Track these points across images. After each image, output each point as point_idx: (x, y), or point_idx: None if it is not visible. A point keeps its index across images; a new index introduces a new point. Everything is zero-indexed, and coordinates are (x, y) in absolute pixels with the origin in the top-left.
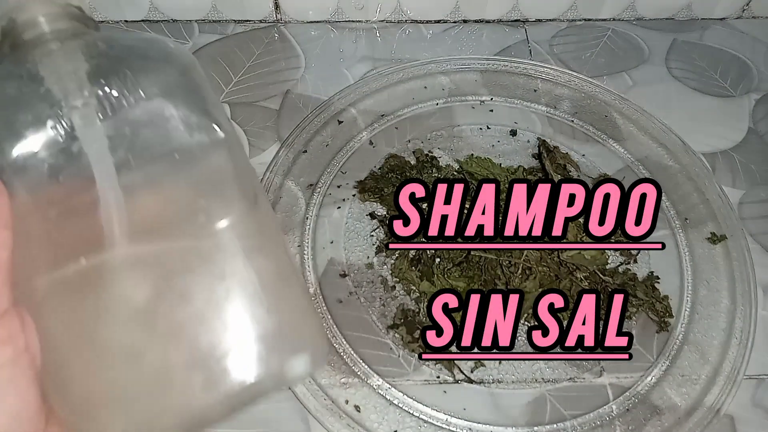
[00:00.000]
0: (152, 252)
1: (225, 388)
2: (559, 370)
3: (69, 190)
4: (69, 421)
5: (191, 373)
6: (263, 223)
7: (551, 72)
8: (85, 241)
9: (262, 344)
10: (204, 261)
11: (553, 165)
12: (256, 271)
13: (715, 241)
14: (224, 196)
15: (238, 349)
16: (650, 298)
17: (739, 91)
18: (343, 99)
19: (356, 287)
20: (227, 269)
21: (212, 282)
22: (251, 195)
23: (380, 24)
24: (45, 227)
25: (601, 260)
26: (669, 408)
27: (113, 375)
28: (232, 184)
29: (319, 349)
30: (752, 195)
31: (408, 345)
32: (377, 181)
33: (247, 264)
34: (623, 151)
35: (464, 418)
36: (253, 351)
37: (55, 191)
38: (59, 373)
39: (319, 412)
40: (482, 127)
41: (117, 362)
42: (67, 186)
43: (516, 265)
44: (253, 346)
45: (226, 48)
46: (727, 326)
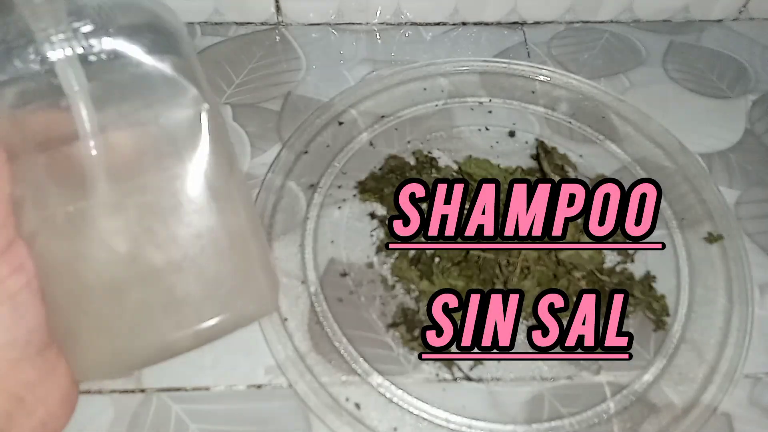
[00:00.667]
0: (133, 203)
1: (195, 328)
2: (557, 368)
3: (49, 122)
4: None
5: (166, 314)
6: (237, 189)
7: (549, 74)
8: (69, 184)
9: (226, 294)
10: (181, 219)
11: (551, 165)
12: (227, 232)
13: (711, 241)
14: (200, 153)
15: (207, 297)
16: (647, 297)
17: (735, 93)
18: (344, 100)
19: (356, 286)
20: (203, 228)
21: (189, 239)
22: (227, 161)
23: (380, 26)
24: (32, 164)
25: (598, 260)
26: (666, 406)
27: (95, 308)
28: (206, 145)
29: (271, 299)
30: (749, 195)
31: (408, 343)
32: (377, 181)
33: (221, 225)
34: (620, 151)
35: (463, 415)
36: (219, 299)
37: (35, 122)
38: (47, 302)
39: (319, 410)
40: (481, 128)
41: (98, 298)
42: (47, 117)
43: (514, 264)
44: (219, 295)
45: (228, 50)
46: (724, 325)
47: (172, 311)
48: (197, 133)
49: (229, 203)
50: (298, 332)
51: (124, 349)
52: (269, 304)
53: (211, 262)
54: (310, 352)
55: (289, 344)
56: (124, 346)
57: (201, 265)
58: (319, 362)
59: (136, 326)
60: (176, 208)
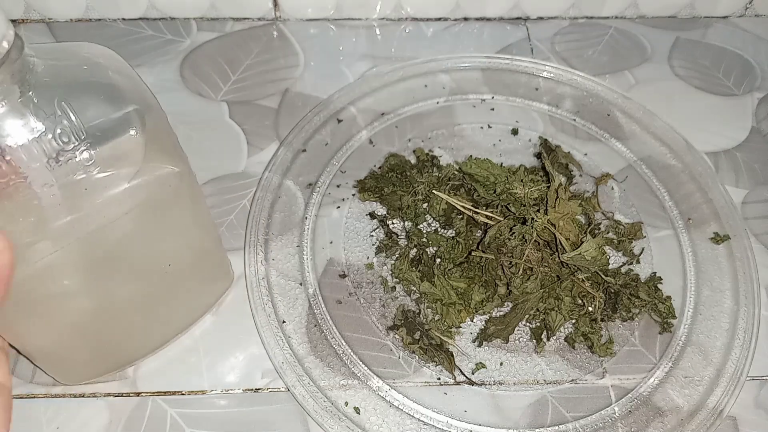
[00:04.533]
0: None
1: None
2: (561, 371)
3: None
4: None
5: (148, 330)
6: (198, 191)
7: (553, 70)
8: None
9: (199, 298)
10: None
11: (554, 164)
12: (192, 251)
13: (718, 241)
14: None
15: (183, 308)
16: (653, 298)
17: (742, 90)
18: (343, 97)
19: (356, 288)
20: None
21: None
22: (184, 159)
23: (380, 22)
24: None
25: (602, 261)
26: (672, 410)
27: (62, 340)
28: (160, 148)
29: (228, 280)
30: (755, 195)
31: (408, 346)
32: (377, 180)
33: (186, 245)
34: (626, 150)
35: (465, 420)
36: (193, 305)
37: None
38: (11, 331)
39: (318, 414)
40: (483, 125)
41: (65, 334)
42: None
43: (517, 265)
44: (192, 302)
45: (225, 46)
46: (730, 327)
47: (154, 325)
48: (134, 145)
49: (194, 228)
50: (296, 335)
51: (108, 356)
52: (226, 285)
53: (182, 278)
54: (308, 355)
55: (287, 347)
56: (108, 355)
57: (174, 283)
58: (317, 366)
59: (118, 342)
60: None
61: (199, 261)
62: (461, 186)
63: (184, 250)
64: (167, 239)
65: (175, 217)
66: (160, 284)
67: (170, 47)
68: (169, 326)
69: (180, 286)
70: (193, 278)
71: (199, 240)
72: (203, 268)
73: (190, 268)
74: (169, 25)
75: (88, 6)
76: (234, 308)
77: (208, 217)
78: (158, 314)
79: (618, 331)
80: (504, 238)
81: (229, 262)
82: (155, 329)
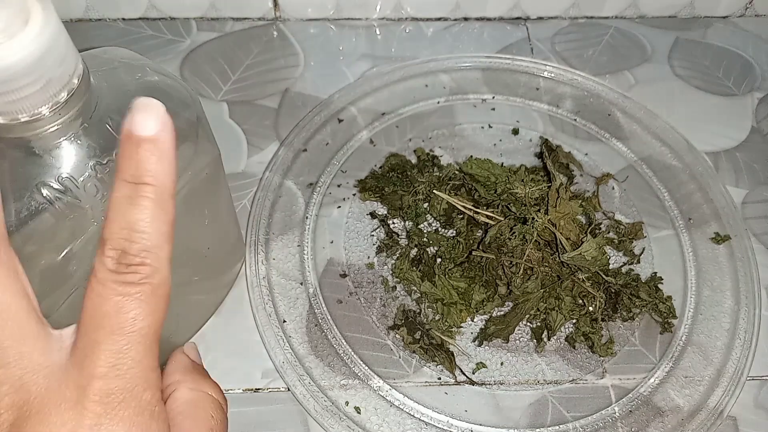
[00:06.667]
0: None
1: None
2: (562, 371)
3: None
4: None
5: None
6: (225, 202)
7: (553, 70)
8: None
9: (225, 280)
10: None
11: (555, 164)
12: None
13: (719, 241)
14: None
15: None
16: (653, 298)
17: (742, 90)
18: (343, 97)
19: (356, 287)
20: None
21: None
22: (215, 142)
23: (380, 22)
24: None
25: (602, 261)
26: (672, 410)
27: None
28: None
29: (241, 257)
30: (756, 195)
31: (409, 346)
32: (378, 180)
33: (213, 233)
34: (626, 149)
35: (465, 419)
36: (218, 289)
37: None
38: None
39: (319, 414)
40: (484, 125)
41: None
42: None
43: (518, 265)
44: (217, 286)
45: (225, 46)
46: (730, 327)
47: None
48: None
49: (218, 221)
50: (296, 334)
51: None
52: (242, 255)
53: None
54: (308, 355)
55: (288, 347)
56: None
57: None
58: (318, 365)
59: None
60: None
61: (229, 241)
62: (462, 186)
63: (220, 231)
64: (205, 223)
65: (213, 198)
66: (198, 268)
67: (170, 47)
68: (202, 313)
69: (214, 268)
70: (225, 260)
71: (227, 221)
72: (229, 249)
73: (225, 249)
74: (169, 25)
75: (88, 6)
76: (234, 308)
77: (231, 197)
78: (191, 303)
79: (618, 331)
80: (504, 237)
81: (242, 236)
82: (190, 318)
